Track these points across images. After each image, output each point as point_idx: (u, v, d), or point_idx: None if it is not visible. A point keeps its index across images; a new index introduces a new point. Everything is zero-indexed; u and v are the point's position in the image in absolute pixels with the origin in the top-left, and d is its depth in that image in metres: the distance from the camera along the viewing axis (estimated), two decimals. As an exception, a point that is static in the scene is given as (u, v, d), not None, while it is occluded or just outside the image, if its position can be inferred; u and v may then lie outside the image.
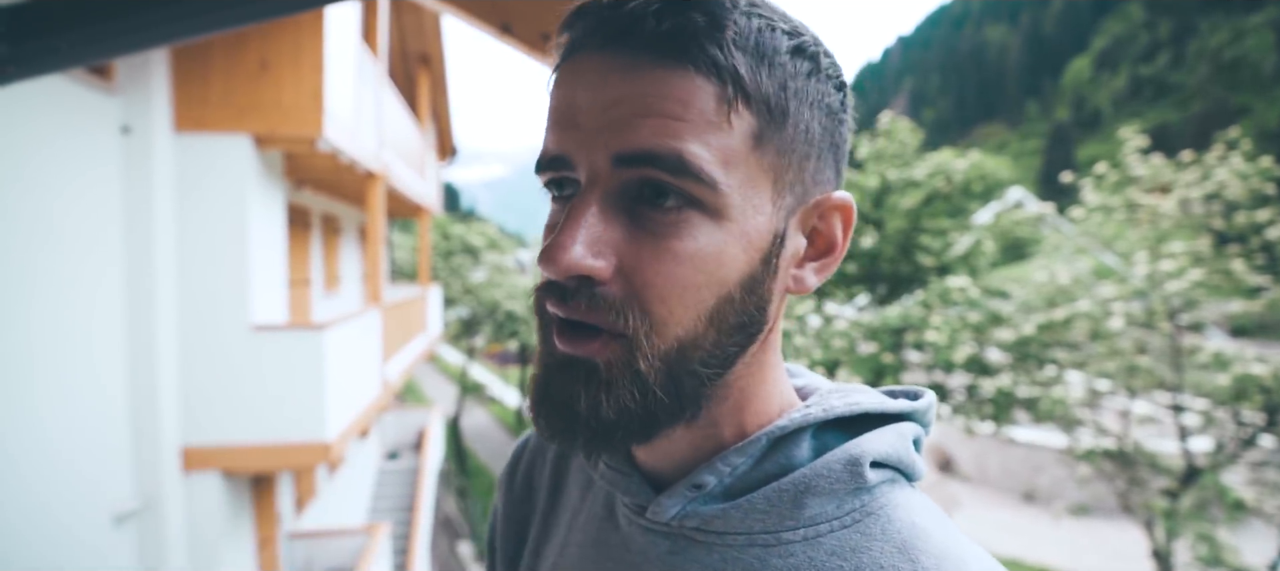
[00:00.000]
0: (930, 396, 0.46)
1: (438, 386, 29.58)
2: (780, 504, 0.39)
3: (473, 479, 17.91)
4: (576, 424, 0.37)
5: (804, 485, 0.39)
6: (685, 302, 0.36)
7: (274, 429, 4.90)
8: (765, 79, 0.36)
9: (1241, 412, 6.30)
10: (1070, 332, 6.91)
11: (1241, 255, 6.34)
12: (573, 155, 0.37)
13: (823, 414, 0.42)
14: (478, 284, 19.17)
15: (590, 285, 0.36)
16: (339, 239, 8.95)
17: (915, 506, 0.40)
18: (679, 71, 0.35)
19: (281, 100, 4.90)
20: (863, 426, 0.43)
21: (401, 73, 10.36)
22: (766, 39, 0.36)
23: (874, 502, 0.40)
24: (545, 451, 0.59)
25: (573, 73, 0.38)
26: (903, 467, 0.41)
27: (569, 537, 0.50)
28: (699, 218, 0.36)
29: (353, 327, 5.64)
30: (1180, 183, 6.69)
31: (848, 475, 0.39)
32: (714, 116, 0.35)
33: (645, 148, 0.35)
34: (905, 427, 0.43)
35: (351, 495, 8.88)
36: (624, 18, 0.35)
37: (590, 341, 0.37)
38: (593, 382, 0.37)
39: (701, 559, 0.40)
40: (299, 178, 6.67)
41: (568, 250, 0.35)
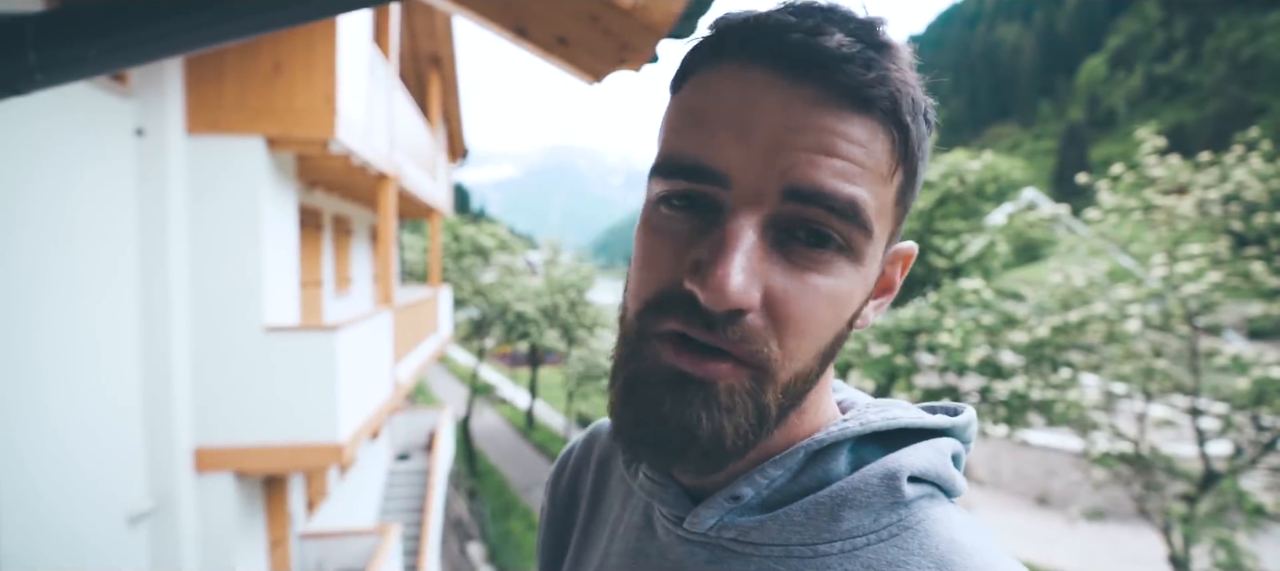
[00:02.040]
0: (970, 412, 0.46)
1: (448, 387, 29.70)
2: (817, 516, 0.39)
3: (482, 480, 17.96)
4: (693, 445, 0.37)
5: (841, 498, 0.39)
6: (816, 339, 0.38)
7: (286, 430, 4.93)
8: (917, 141, 0.38)
9: (1261, 417, 6.21)
10: (1085, 335, 6.84)
11: (1261, 257, 6.24)
12: (734, 171, 0.36)
13: (860, 428, 0.42)
14: (488, 285, 19.23)
15: (741, 315, 0.36)
16: (350, 240, 9.00)
17: (955, 522, 0.40)
18: (865, 119, 0.35)
19: (294, 103, 4.93)
20: (901, 441, 0.43)
21: (412, 74, 10.40)
22: (919, 99, 0.38)
23: (912, 517, 0.39)
24: (588, 461, 0.60)
25: (742, 85, 0.37)
26: (941, 483, 0.41)
27: (609, 547, 0.51)
28: (844, 261, 0.37)
29: (365, 329, 5.66)
30: (1198, 183, 6.60)
31: (885, 489, 0.39)
32: (885, 170, 0.37)
33: (823, 187, 0.35)
34: (944, 443, 0.43)
35: (362, 496, 8.93)
36: (823, 53, 0.35)
37: (719, 363, 0.36)
38: (712, 405, 0.36)
39: (739, 569, 0.41)
40: (311, 179, 6.72)
41: (732, 280, 0.34)
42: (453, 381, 31.71)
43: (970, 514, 0.42)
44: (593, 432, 0.62)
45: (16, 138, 3.48)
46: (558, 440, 21.67)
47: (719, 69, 0.38)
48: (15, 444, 3.44)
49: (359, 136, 5.50)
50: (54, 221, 3.76)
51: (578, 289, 19.74)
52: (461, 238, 19.48)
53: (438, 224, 10.71)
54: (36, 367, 3.60)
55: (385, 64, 6.67)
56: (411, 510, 9.72)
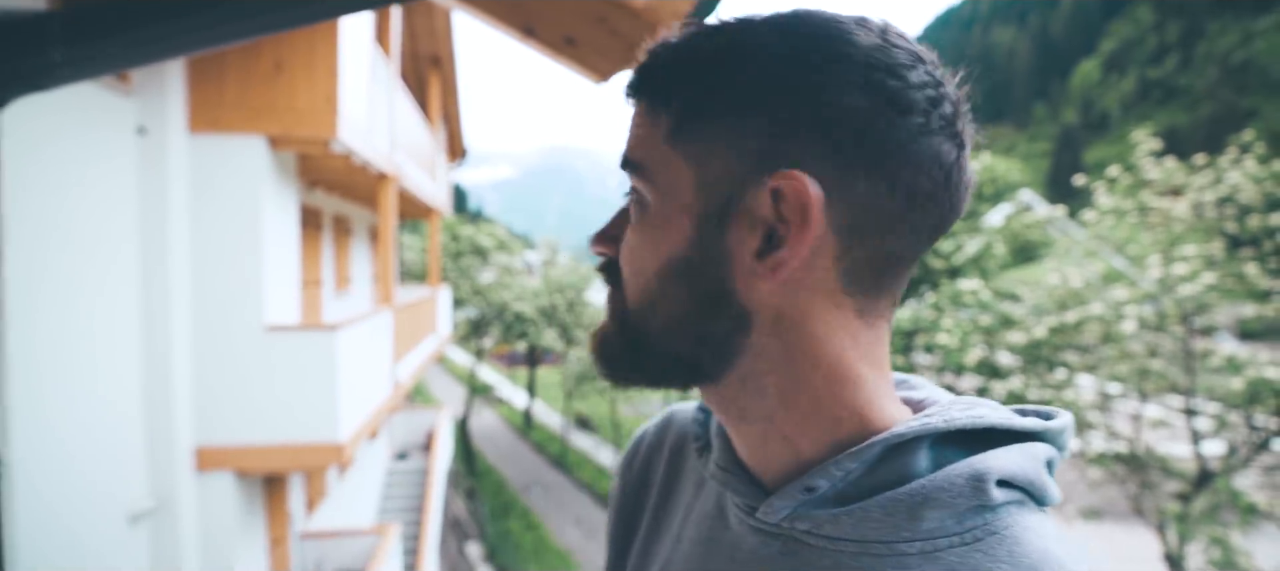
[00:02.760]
0: (1067, 417, 0.43)
1: (446, 387, 29.64)
2: (897, 513, 0.37)
3: (481, 480, 17.94)
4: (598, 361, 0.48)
5: (922, 496, 0.37)
6: (633, 280, 0.46)
7: (286, 429, 4.93)
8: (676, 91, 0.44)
9: (1254, 416, 6.26)
10: (1082, 336, 6.88)
11: (1255, 258, 6.30)
12: None
13: (943, 425, 0.40)
14: (486, 285, 19.21)
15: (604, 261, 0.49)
16: (350, 240, 9.00)
17: (1048, 532, 0.37)
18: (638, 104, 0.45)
19: (295, 102, 4.94)
20: (987, 443, 0.40)
21: (412, 74, 10.40)
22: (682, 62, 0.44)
23: (999, 522, 0.37)
24: (661, 447, 0.60)
25: None
26: (1032, 489, 0.39)
27: (682, 533, 0.50)
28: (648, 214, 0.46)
29: (365, 328, 5.66)
30: (1193, 186, 6.65)
31: (971, 490, 0.37)
32: (659, 134, 0.44)
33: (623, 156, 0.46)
34: (1036, 448, 0.40)
35: (361, 496, 8.92)
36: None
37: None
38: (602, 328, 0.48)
39: (813, 562, 0.40)
40: (312, 179, 6.72)
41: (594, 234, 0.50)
42: (451, 381, 31.65)
43: (1062, 526, 0.40)
44: (667, 418, 0.62)
45: (19, 136, 3.48)
46: (555, 440, 21.65)
47: None
48: (16, 443, 3.44)
49: (360, 136, 5.50)
50: (55, 220, 3.76)
51: (576, 289, 19.74)
52: (460, 238, 19.47)
53: (437, 224, 10.71)
54: (38, 366, 3.60)
55: (386, 64, 6.68)
56: (410, 510, 9.71)
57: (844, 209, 0.38)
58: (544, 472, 19.38)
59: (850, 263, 0.39)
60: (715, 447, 0.48)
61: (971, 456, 0.38)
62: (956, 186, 0.40)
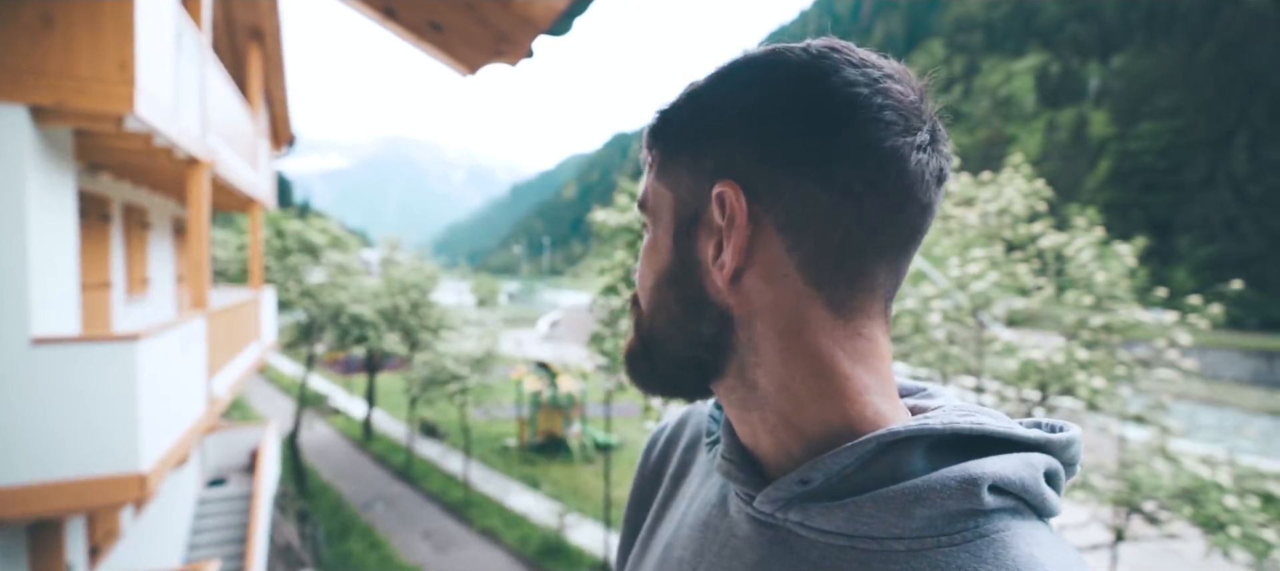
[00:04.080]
0: (1074, 431, 0.43)
1: (272, 400, 26.54)
2: (888, 510, 0.38)
3: (314, 500, 16.30)
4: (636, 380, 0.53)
5: (914, 495, 0.38)
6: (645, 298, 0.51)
7: (62, 463, 4.06)
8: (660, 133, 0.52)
9: (1023, 390, 7.54)
10: (898, 327, 7.81)
11: (1022, 260, 7.58)
12: None
13: (941, 427, 0.40)
14: (318, 286, 17.48)
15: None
16: (147, 235, 7.68)
17: (1039, 540, 0.38)
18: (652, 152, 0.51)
19: (74, 67, 4.08)
20: (989, 450, 0.41)
21: (228, 49, 9.13)
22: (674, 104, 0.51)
23: (990, 526, 0.38)
24: (678, 440, 0.64)
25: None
26: (1027, 497, 0.39)
27: (684, 518, 0.54)
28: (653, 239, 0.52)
29: (172, 337, 4.86)
30: (980, 198, 7.85)
31: (962, 492, 0.37)
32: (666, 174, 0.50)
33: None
34: (1036, 458, 0.40)
35: (165, 532, 7.67)
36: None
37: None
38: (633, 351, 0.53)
39: (803, 553, 0.41)
40: (94, 160, 5.63)
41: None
42: (276, 393, 28.40)
43: (1059, 536, 0.40)
44: (688, 413, 0.66)
45: None
46: (399, 450, 20.32)
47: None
48: None
49: (163, 113, 4.70)
50: None
51: (420, 289, 18.64)
52: (286, 233, 17.50)
53: (258, 217, 9.52)
54: None
55: (196, 33, 5.78)
56: (230, 542, 8.55)
57: (778, 207, 0.41)
58: (387, 486, 18.09)
59: (801, 256, 0.42)
60: (722, 440, 0.50)
61: (969, 461, 0.39)
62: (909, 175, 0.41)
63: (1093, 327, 7.06)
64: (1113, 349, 7.11)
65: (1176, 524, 6.80)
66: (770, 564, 0.43)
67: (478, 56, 2.02)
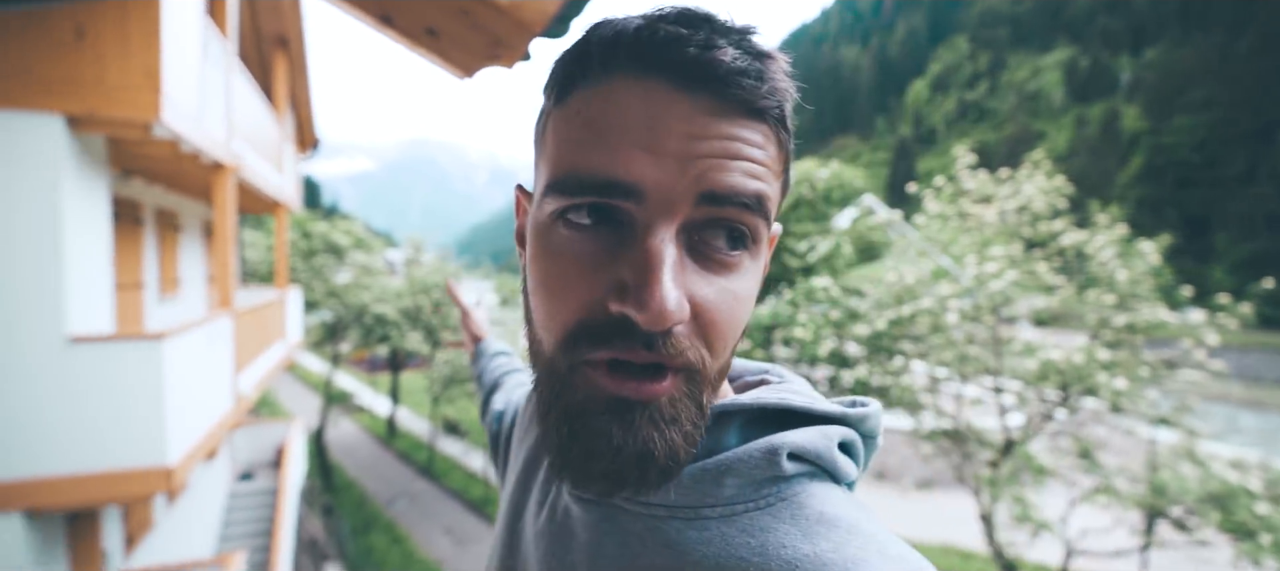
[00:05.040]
0: (872, 406, 0.47)
1: (299, 397, 27.14)
2: (703, 481, 0.41)
3: (339, 495, 16.65)
4: (650, 466, 0.38)
5: (725, 467, 0.41)
6: (734, 335, 0.41)
7: (97, 456, 4.25)
8: (791, 139, 0.42)
9: (1044, 392, 7.40)
10: (915, 327, 7.73)
11: (1043, 258, 7.45)
12: (648, 184, 0.37)
13: (751, 403, 0.44)
14: (343, 286, 17.83)
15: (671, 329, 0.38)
16: (178, 237, 7.94)
17: (831, 498, 0.41)
18: (760, 125, 0.38)
19: (105, 77, 4.26)
20: (796, 424, 0.44)
21: (255, 55, 9.39)
22: (793, 102, 0.41)
23: (789, 490, 0.41)
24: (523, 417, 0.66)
25: (645, 98, 0.37)
26: (821, 463, 0.43)
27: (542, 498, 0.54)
28: (749, 260, 0.40)
29: (199, 336, 5.04)
30: (999, 196, 7.73)
31: (765, 462, 0.41)
32: (777, 169, 0.40)
33: (736, 188, 0.37)
34: (832, 429, 0.44)
35: (197, 524, 7.92)
36: (719, 67, 0.37)
37: (657, 382, 0.38)
38: (659, 421, 0.38)
39: (628, 526, 0.43)
40: (127, 166, 5.85)
41: (669, 300, 0.35)
42: (304, 390, 29.03)
43: (851, 494, 0.44)
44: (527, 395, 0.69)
45: None
46: (421, 448, 20.63)
47: (612, 81, 0.37)
48: None
49: (189, 120, 4.88)
50: None
51: (441, 289, 18.91)
52: (312, 235, 17.89)
53: (285, 219, 9.76)
54: None
55: (222, 41, 5.98)
56: (258, 534, 8.78)
57: None
58: (410, 482, 18.39)
59: None
60: None
61: (772, 434, 0.43)
62: None
63: (1115, 327, 6.91)
64: (1136, 349, 6.95)
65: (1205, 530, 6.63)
66: (601, 539, 0.44)
67: (473, 60, 2.09)
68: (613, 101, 0.37)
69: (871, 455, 0.47)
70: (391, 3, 2.07)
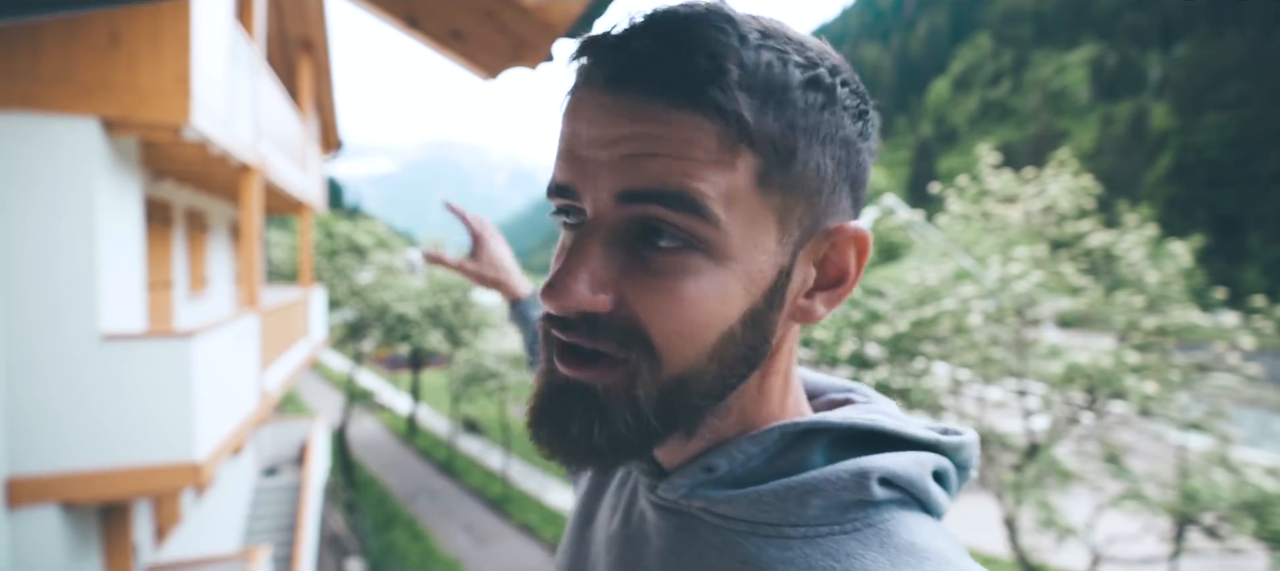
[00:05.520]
0: (970, 436, 0.45)
1: (321, 395, 27.57)
2: (787, 499, 0.40)
3: (362, 491, 16.88)
4: (568, 445, 0.40)
5: (811, 486, 0.40)
6: (687, 340, 0.38)
7: (129, 451, 4.36)
8: (771, 119, 0.36)
9: (1069, 395, 7.27)
10: (937, 328, 7.64)
11: (1069, 259, 7.31)
12: (578, 188, 0.38)
13: (841, 421, 0.42)
14: (365, 285, 18.08)
15: (593, 318, 0.38)
16: (206, 237, 8.12)
17: (921, 529, 0.39)
18: (683, 113, 0.35)
19: (138, 81, 4.37)
20: (886, 448, 0.43)
21: (281, 59, 9.57)
22: (776, 75, 0.36)
23: (878, 516, 0.40)
24: None
25: (578, 107, 0.39)
26: (914, 492, 0.41)
27: (616, 503, 0.53)
28: (700, 259, 0.37)
29: (226, 334, 5.14)
30: (1023, 196, 7.61)
31: (854, 484, 0.39)
32: (717, 157, 0.35)
33: (649, 186, 0.36)
34: (926, 457, 0.42)
35: (223, 518, 8.09)
36: (629, 58, 0.36)
37: (593, 367, 0.39)
38: (589, 407, 0.39)
39: (707, 538, 0.42)
40: (158, 168, 5.99)
41: (570, 288, 0.37)
42: (327, 388, 29.48)
43: (943, 527, 0.42)
44: None
45: None
46: (441, 446, 20.83)
47: (572, 95, 0.40)
48: None
49: (218, 123, 4.99)
50: None
51: (462, 289, 19.07)
52: (336, 235, 18.17)
53: (309, 220, 9.93)
54: None
55: (249, 44, 6.10)
56: (282, 529, 8.94)
57: None
58: (430, 480, 18.59)
59: None
60: None
61: (863, 456, 0.41)
62: None
63: (1145, 330, 6.76)
64: (1167, 352, 6.80)
65: (1239, 538, 6.46)
66: (678, 548, 0.44)
67: (498, 62, 2.10)
68: (565, 114, 0.40)
69: (963, 486, 0.46)
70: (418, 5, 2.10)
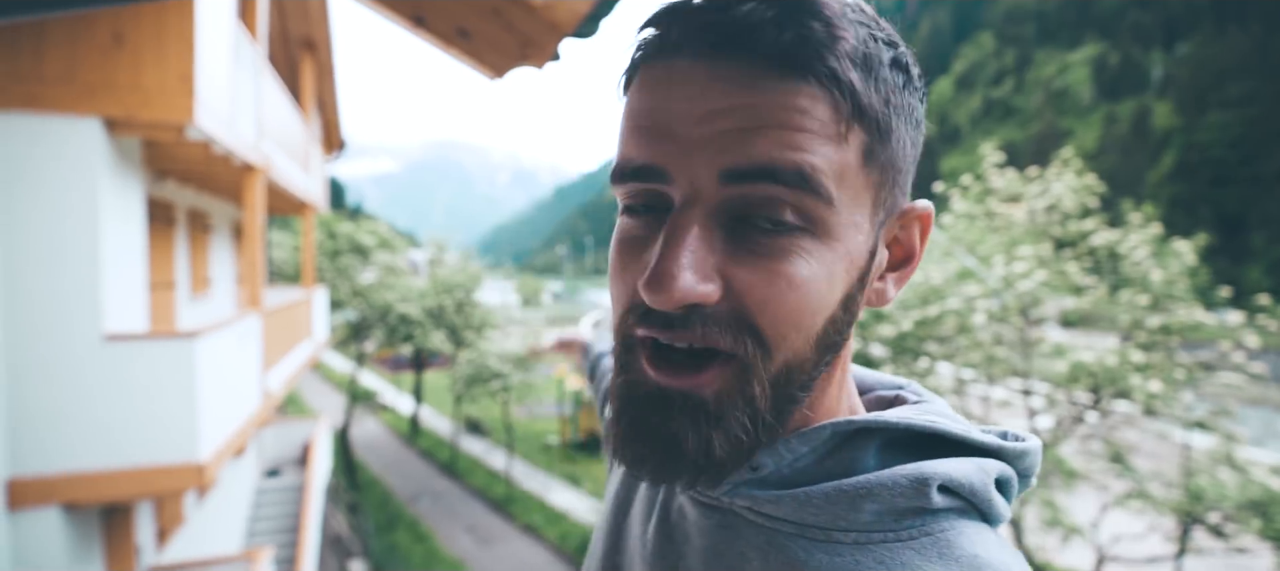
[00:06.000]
0: (1033, 442, 0.42)
1: (324, 395, 27.60)
2: (838, 502, 0.37)
3: (364, 492, 16.88)
4: (682, 463, 0.36)
5: (865, 490, 0.37)
6: (796, 327, 0.36)
7: (132, 452, 4.36)
8: (874, 94, 0.35)
9: (1074, 394, 7.24)
10: (941, 328, 7.61)
11: (1073, 258, 7.29)
12: (669, 167, 0.35)
13: (897, 421, 0.40)
14: (368, 286, 18.08)
15: (700, 310, 0.35)
16: (209, 237, 8.12)
17: (985, 542, 0.37)
18: (797, 84, 0.33)
19: (141, 81, 4.37)
20: (944, 451, 0.40)
21: (283, 59, 9.57)
22: (873, 51, 0.35)
23: (936, 525, 0.37)
24: None
25: (666, 78, 0.36)
26: (976, 501, 0.38)
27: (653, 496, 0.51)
28: (810, 241, 0.35)
29: (229, 335, 5.14)
30: (1027, 194, 7.58)
31: (912, 491, 0.37)
32: (831, 132, 0.34)
33: (764, 161, 0.33)
34: (989, 463, 0.40)
35: (225, 519, 8.09)
36: (736, 24, 0.34)
37: (697, 374, 0.36)
38: (700, 417, 0.36)
39: (750, 538, 0.40)
40: (161, 168, 5.99)
41: (677, 278, 0.33)
42: (329, 389, 29.51)
43: (1004, 539, 0.39)
44: None
45: None
46: (444, 446, 20.84)
47: (651, 66, 0.37)
48: None
49: (221, 123, 4.98)
50: None
51: (465, 289, 19.07)
52: (338, 235, 18.17)
53: (311, 220, 9.93)
54: None
55: (252, 45, 6.09)
56: (284, 530, 8.94)
57: None
58: (433, 480, 18.59)
59: None
60: None
61: (922, 461, 0.38)
62: None
63: (1149, 328, 6.73)
64: (1171, 351, 6.77)
65: (1244, 537, 6.43)
66: (719, 547, 0.41)
67: (504, 61, 2.09)
68: (643, 88, 0.37)
69: (1024, 494, 0.43)
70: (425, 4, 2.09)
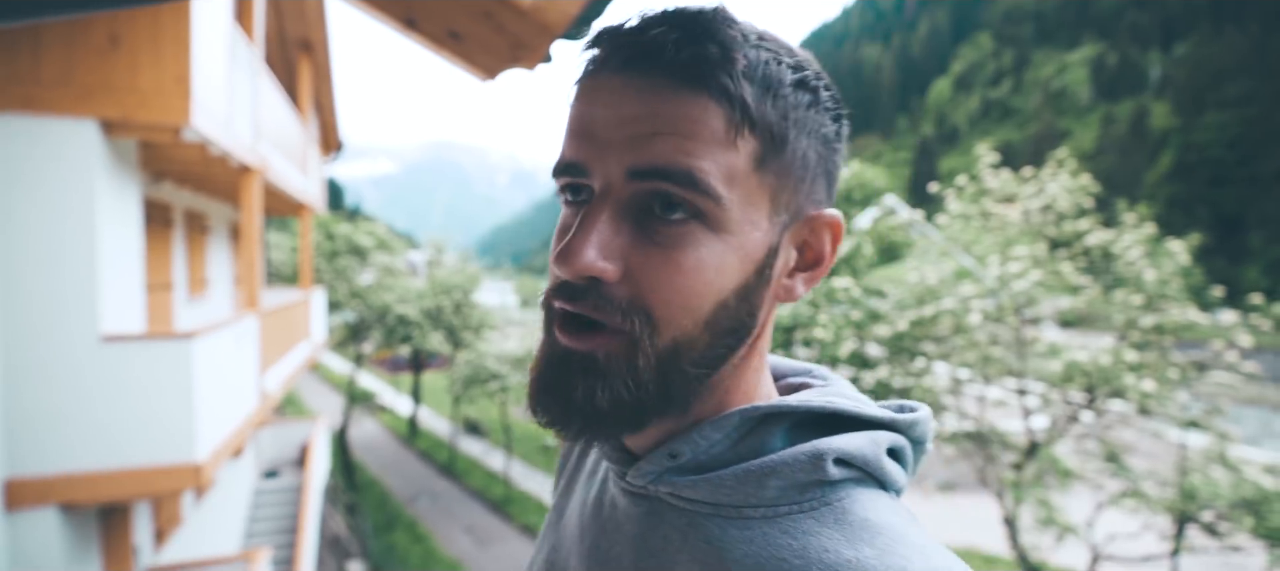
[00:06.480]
0: (922, 411, 0.48)
1: (322, 396, 27.59)
2: (747, 482, 0.42)
3: (362, 493, 16.88)
4: (572, 411, 0.42)
5: (769, 468, 0.42)
6: (685, 308, 0.40)
7: (129, 452, 4.37)
8: (769, 108, 0.40)
9: (1069, 394, 7.27)
10: (937, 328, 7.63)
11: (1068, 258, 7.31)
12: (589, 164, 0.41)
13: (797, 404, 0.44)
14: (366, 287, 18.09)
15: (599, 286, 0.41)
16: (206, 238, 8.13)
17: (877, 506, 0.41)
18: (693, 96, 0.39)
19: (138, 82, 4.38)
20: (844, 428, 0.45)
21: (280, 60, 9.58)
22: (772, 71, 0.40)
23: (834, 494, 0.42)
24: None
25: (593, 89, 0.42)
26: (869, 469, 0.43)
27: (586, 496, 0.55)
28: (701, 230, 0.40)
29: (226, 336, 5.15)
30: (1022, 195, 7.61)
31: (810, 465, 0.41)
32: (722, 138, 0.39)
33: (659, 163, 0.39)
34: (880, 435, 0.44)
35: (223, 520, 8.09)
36: (645, 43, 0.39)
37: (593, 336, 0.41)
38: (590, 374, 0.41)
39: (673, 522, 0.44)
40: (158, 170, 6.00)
41: (580, 253, 0.39)
42: (327, 390, 29.50)
43: (898, 502, 0.44)
44: None
45: None
46: (442, 447, 20.84)
47: (585, 80, 0.43)
48: None
49: (218, 124, 5.00)
50: None
51: (463, 290, 19.08)
52: (336, 236, 18.17)
53: (309, 221, 9.94)
54: None
55: (249, 46, 6.11)
56: (282, 531, 8.95)
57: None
58: (432, 481, 18.59)
59: None
60: None
61: (819, 438, 0.43)
62: None
63: (1143, 328, 6.76)
64: (1165, 351, 6.80)
65: (1238, 536, 6.46)
66: (646, 533, 0.46)
67: (496, 62, 2.11)
68: (578, 97, 0.43)
69: (920, 461, 0.48)
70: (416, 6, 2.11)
